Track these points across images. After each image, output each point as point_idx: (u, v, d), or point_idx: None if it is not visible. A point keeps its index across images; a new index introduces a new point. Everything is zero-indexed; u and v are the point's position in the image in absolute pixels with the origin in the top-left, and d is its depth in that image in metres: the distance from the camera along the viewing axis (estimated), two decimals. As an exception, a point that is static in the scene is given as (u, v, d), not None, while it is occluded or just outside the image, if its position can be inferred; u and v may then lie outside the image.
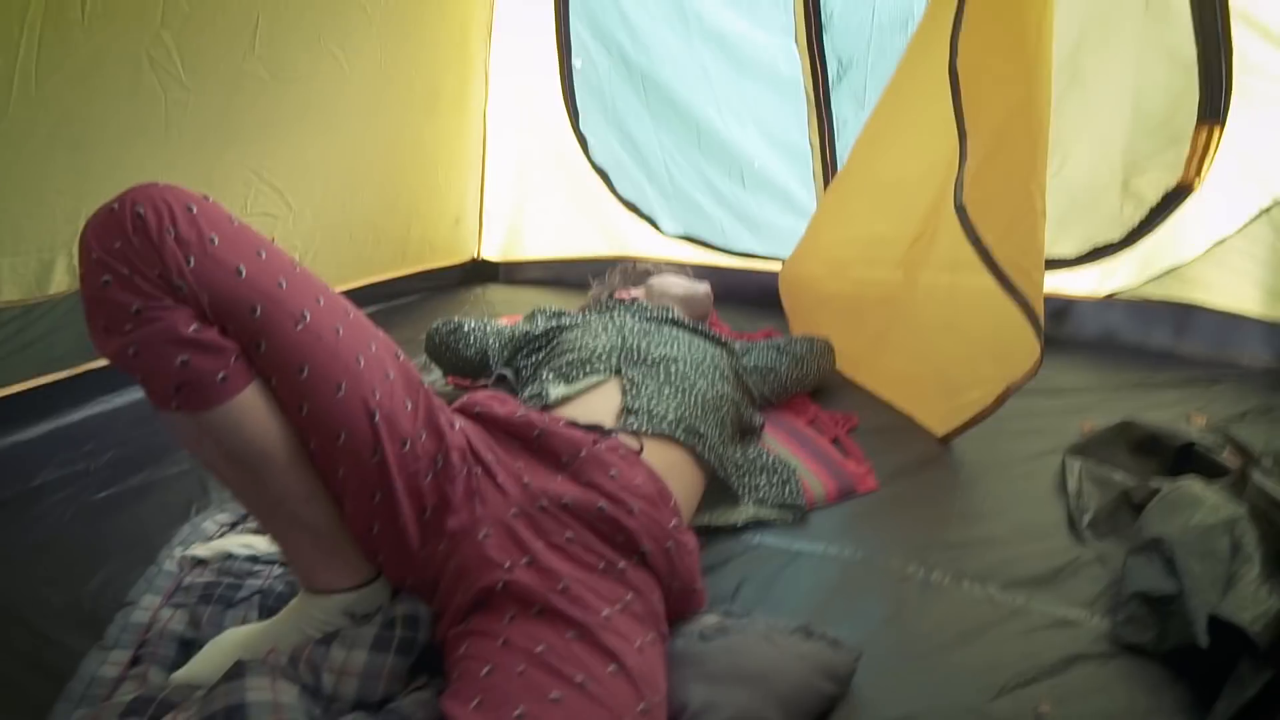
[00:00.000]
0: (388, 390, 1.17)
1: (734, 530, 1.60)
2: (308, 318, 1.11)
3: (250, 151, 2.18)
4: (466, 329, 2.08)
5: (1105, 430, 1.88)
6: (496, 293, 3.25)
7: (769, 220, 2.86)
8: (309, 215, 2.47)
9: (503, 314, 2.84)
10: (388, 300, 2.98)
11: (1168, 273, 2.38)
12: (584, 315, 2.04)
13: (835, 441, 1.97)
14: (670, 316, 1.95)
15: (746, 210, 2.89)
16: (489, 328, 2.08)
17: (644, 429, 1.45)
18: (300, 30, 2.18)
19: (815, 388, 2.21)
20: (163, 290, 1.02)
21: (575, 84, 3.01)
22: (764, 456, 1.77)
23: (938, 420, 1.99)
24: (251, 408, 1.11)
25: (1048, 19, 1.58)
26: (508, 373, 1.95)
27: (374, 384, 1.15)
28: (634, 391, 1.54)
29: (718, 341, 1.97)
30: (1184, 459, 1.73)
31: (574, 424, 1.40)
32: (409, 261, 3.05)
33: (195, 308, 1.04)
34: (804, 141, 2.67)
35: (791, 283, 2.58)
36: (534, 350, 1.94)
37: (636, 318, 1.89)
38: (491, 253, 3.38)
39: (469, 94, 3.01)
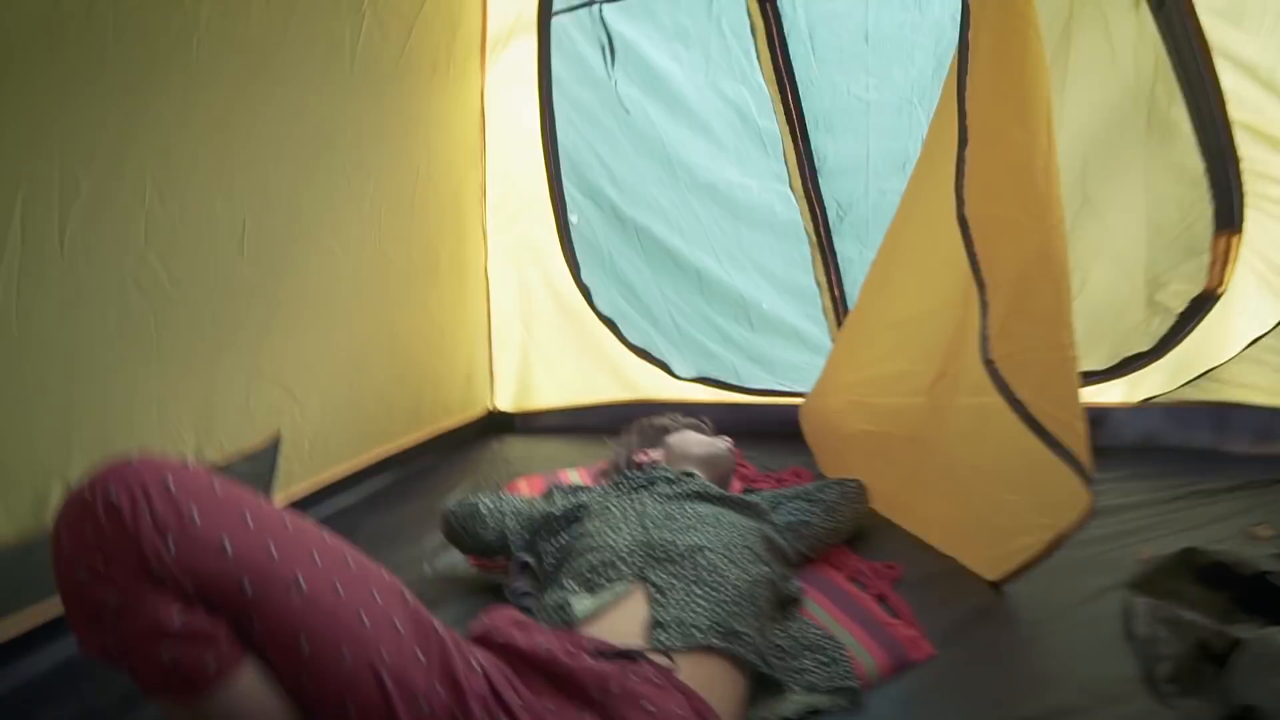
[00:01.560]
0: (396, 645, 1.08)
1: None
2: (303, 584, 1.02)
3: (248, 351, 2.12)
4: (483, 511, 1.98)
5: (1166, 560, 1.76)
6: (513, 446, 3.15)
7: (783, 358, 2.80)
8: (315, 402, 2.39)
9: (520, 473, 2.75)
10: (404, 467, 2.88)
11: (1202, 375, 2.28)
12: (603, 492, 1.94)
13: (881, 599, 1.84)
14: (693, 489, 1.84)
15: (758, 350, 2.84)
16: (506, 507, 1.98)
17: (676, 643, 1.34)
18: (290, 226, 2.15)
19: (851, 535, 2.09)
20: (142, 580, 0.94)
21: (572, 239, 2.98)
22: (808, 631, 1.64)
23: (986, 565, 1.86)
24: (248, 689, 1.02)
25: (1053, 161, 1.52)
26: (530, 559, 1.85)
27: (381, 642, 1.06)
28: (662, 600, 1.43)
29: (745, 507, 1.86)
30: (1258, 590, 1.59)
31: (601, 651, 1.29)
32: (423, 424, 2.96)
33: (178, 592, 0.95)
34: (809, 281, 2.64)
35: (814, 421, 2.49)
36: (554, 533, 1.84)
37: (657, 498, 1.79)
38: (505, 404, 3.30)
39: (468, 255, 2.98)
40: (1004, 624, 1.73)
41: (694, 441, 2.14)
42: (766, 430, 2.77)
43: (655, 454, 2.16)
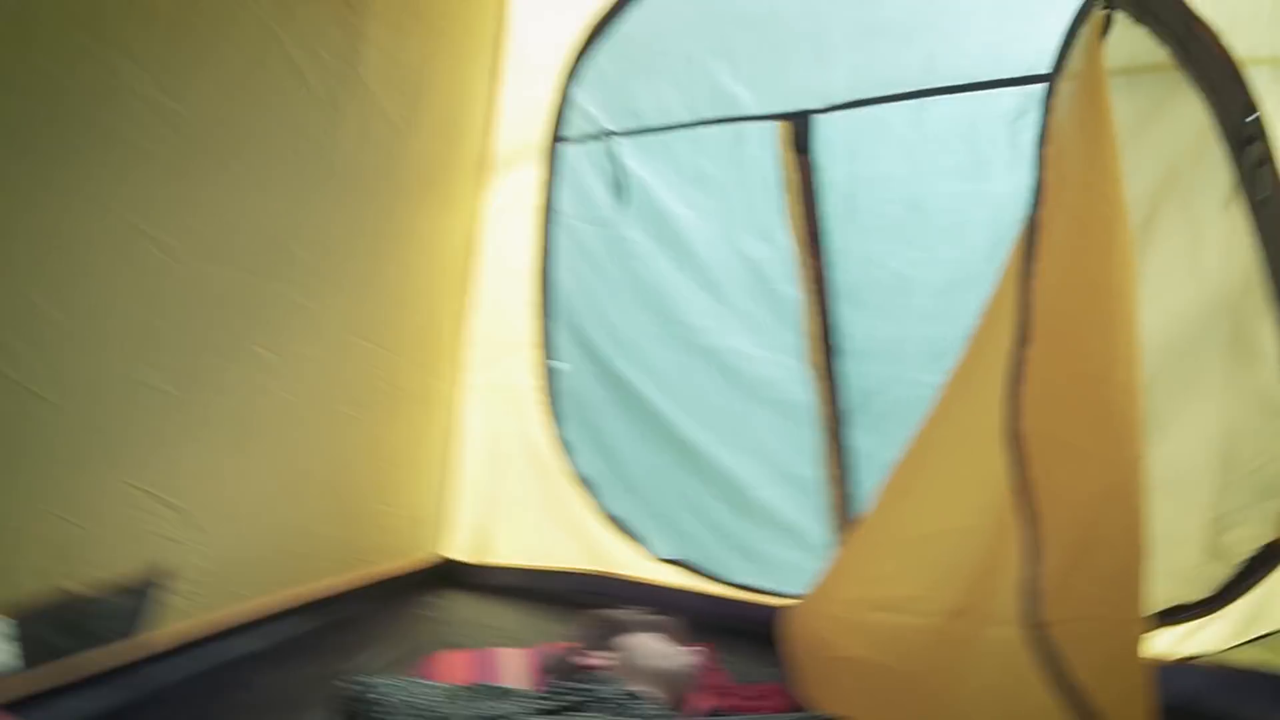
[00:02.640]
0: None
1: None
2: None
3: (142, 469, 1.82)
4: (374, 699, 1.61)
5: None
6: (458, 605, 2.76)
7: (773, 554, 2.44)
8: (226, 534, 2.08)
9: (456, 640, 2.39)
10: (330, 613, 2.50)
11: (1261, 639, 1.91)
12: (524, 704, 1.58)
13: None
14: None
15: (746, 542, 2.47)
16: (401, 699, 1.61)
17: None
18: (214, 332, 1.90)
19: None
20: None
21: (556, 388, 2.69)
22: None
23: None
24: None
25: (1136, 379, 1.22)
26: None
27: None
28: None
29: None
30: None
31: None
32: (359, 565, 2.62)
33: None
34: (813, 472, 2.30)
35: (801, 634, 2.11)
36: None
37: None
38: (459, 553, 2.92)
39: (437, 388, 2.69)
40: None
41: (651, 653, 1.80)
42: (750, 630, 2.39)
43: (605, 658, 1.80)
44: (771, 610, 2.32)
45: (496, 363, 2.77)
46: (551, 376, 2.69)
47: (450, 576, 2.92)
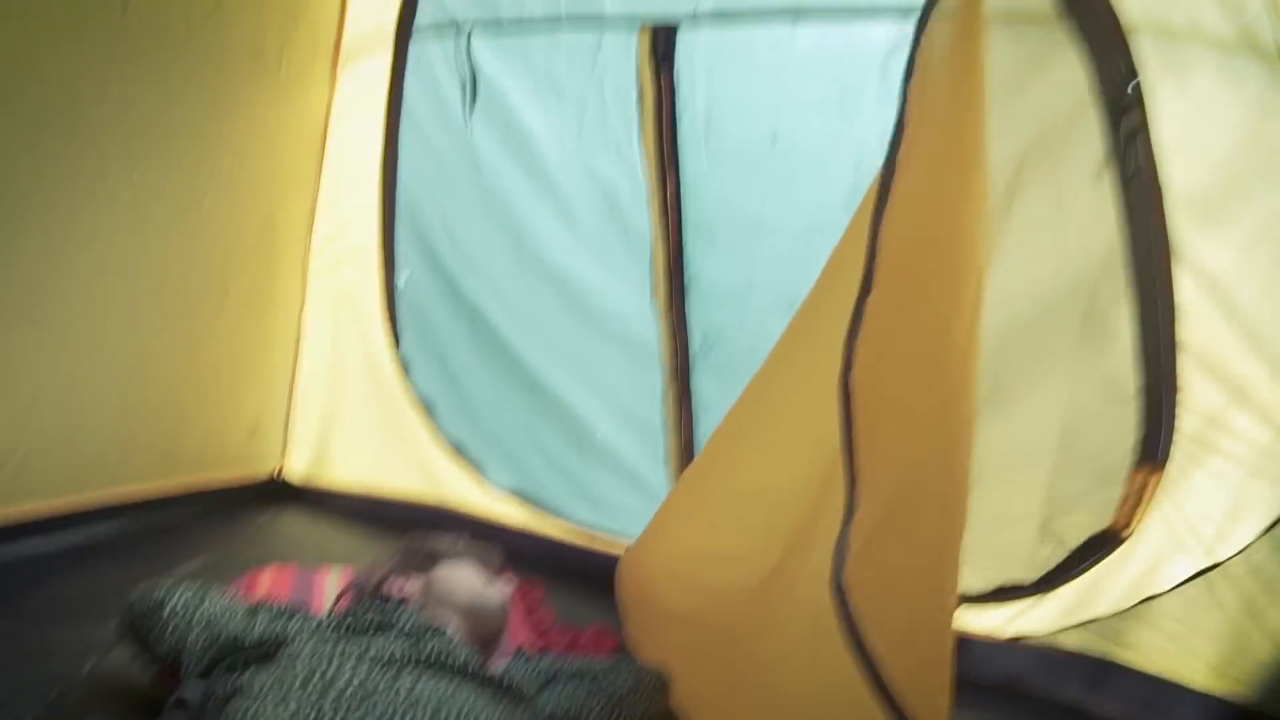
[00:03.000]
0: None
1: None
2: None
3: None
4: (167, 611, 1.49)
5: None
6: (290, 522, 2.64)
7: (613, 499, 2.35)
8: (8, 418, 1.90)
9: (278, 555, 2.26)
10: (146, 518, 2.35)
11: (1086, 624, 1.93)
12: (318, 626, 1.48)
13: None
14: (428, 654, 1.37)
15: (585, 482, 2.38)
16: (200, 612, 1.49)
17: None
18: None
19: (637, 736, 1.64)
20: None
21: (397, 302, 2.52)
22: None
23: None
24: None
25: (975, 342, 1.14)
26: (191, 696, 1.37)
27: None
28: None
29: (493, 691, 1.39)
30: None
31: None
32: (181, 472, 2.45)
33: None
34: (656, 416, 2.20)
35: (629, 583, 2.04)
36: (233, 668, 1.37)
37: (366, 661, 1.31)
38: (295, 472, 2.78)
39: (276, 293, 2.51)
40: None
41: (460, 584, 1.70)
42: (584, 573, 2.32)
43: (412, 586, 1.69)
44: (604, 557, 2.26)
45: (338, 270, 2.60)
46: (393, 289, 2.54)
47: (286, 494, 2.78)
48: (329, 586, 2.07)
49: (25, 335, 1.89)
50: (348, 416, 2.69)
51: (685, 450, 2.14)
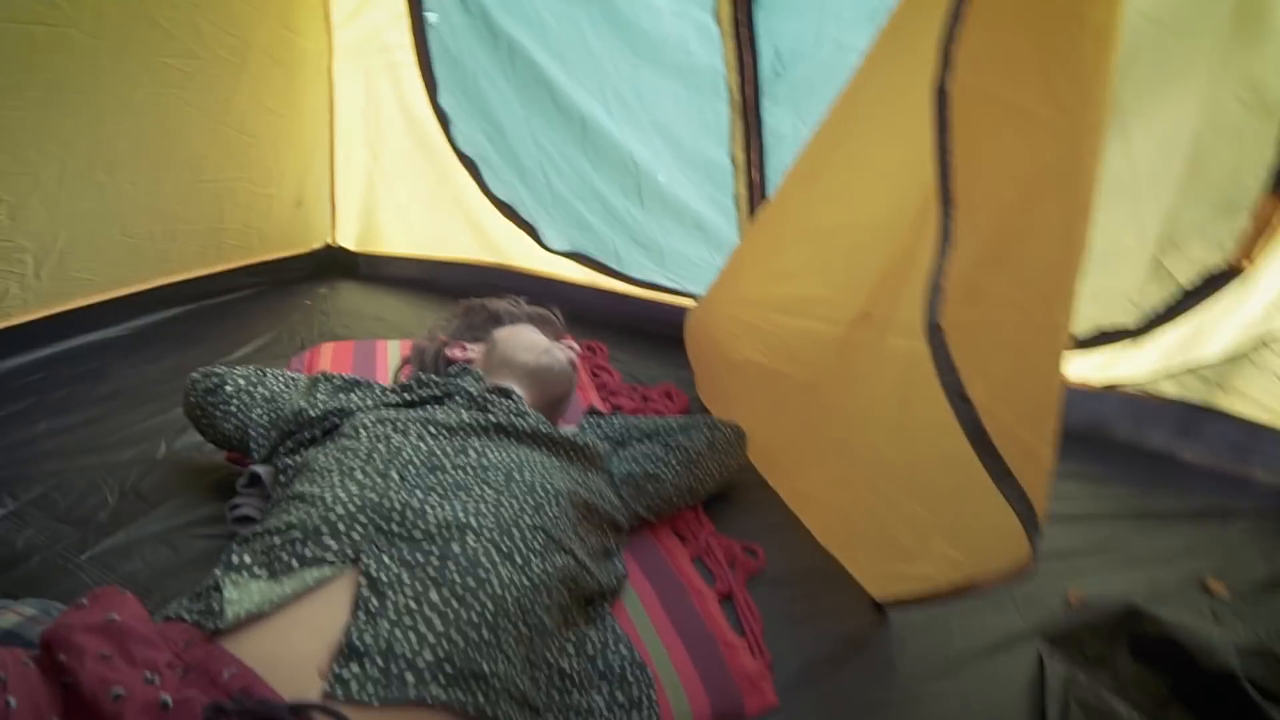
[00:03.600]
0: None
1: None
2: None
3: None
4: (229, 390, 1.46)
5: (1100, 616, 1.34)
6: (346, 295, 2.58)
7: (677, 249, 2.21)
8: (37, 206, 1.79)
9: (335, 332, 2.26)
10: (198, 301, 2.31)
11: (1187, 371, 1.81)
12: (381, 395, 1.43)
13: (727, 599, 1.38)
14: (496, 418, 1.32)
15: (647, 235, 2.23)
16: (261, 390, 1.46)
17: (370, 694, 0.84)
18: None
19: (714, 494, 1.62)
20: None
21: (430, 44, 2.29)
22: (612, 650, 1.17)
23: (870, 579, 1.41)
24: None
25: (1113, 33, 0.94)
26: (263, 471, 1.35)
27: None
28: (374, 607, 0.92)
29: (567, 452, 1.35)
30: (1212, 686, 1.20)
31: (220, 708, 0.79)
32: (228, 255, 2.38)
33: None
34: (722, 155, 1.99)
35: (699, 336, 1.96)
36: (302, 444, 1.33)
37: (434, 427, 1.25)
38: (348, 241, 2.69)
39: (302, 46, 2.30)
40: (876, 672, 1.29)
41: (523, 345, 1.62)
42: (646, 329, 2.27)
43: (474, 351, 1.63)
44: (671, 309, 2.18)
45: (362, 13, 2.37)
46: (424, 33, 2.30)
47: (338, 266, 2.72)
48: (390, 359, 2.03)
49: (50, 121, 1.77)
50: (393, 179, 2.56)
51: (756, 191, 1.96)
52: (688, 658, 1.23)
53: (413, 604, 0.93)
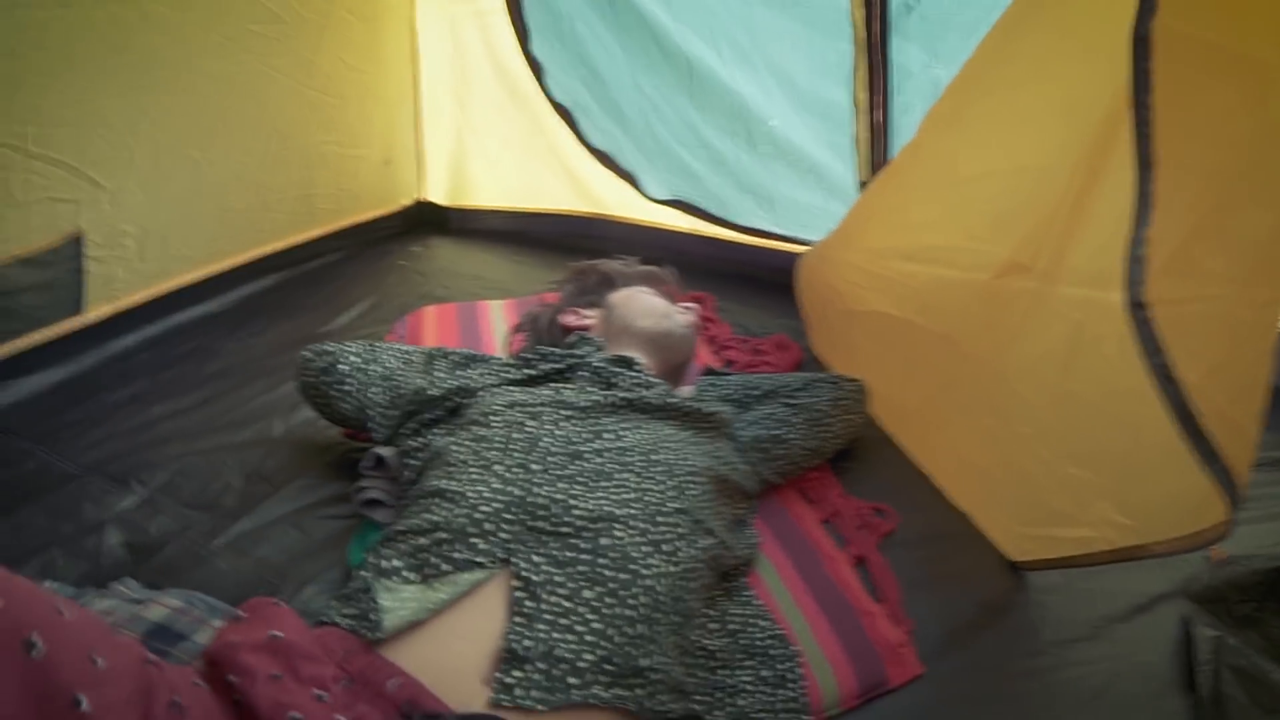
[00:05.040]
0: None
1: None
2: None
3: (22, 123, 1.56)
4: (343, 369, 1.48)
5: (1249, 574, 1.31)
6: (439, 253, 2.61)
7: (788, 195, 2.16)
8: (136, 189, 1.83)
9: (438, 292, 2.27)
10: (295, 268, 2.35)
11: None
12: (500, 371, 1.43)
13: (861, 563, 1.38)
14: (623, 395, 1.31)
15: (756, 181, 2.18)
16: (373, 370, 1.48)
17: (538, 699, 0.88)
18: None
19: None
20: None
21: (520, -9, 2.27)
22: (754, 627, 1.19)
23: (1010, 540, 1.40)
24: None
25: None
26: (388, 454, 1.38)
27: None
28: (529, 610, 0.95)
29: (698, 423, 1.34)
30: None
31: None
32: (321, 220, 2.41)
33: None
34: (843, 96, 1.92)
35: (815, 284, 1.92)
36: (424, 425, 1.35)
37: (564, 409, 1.25)
38: (438, 196, 2.70)
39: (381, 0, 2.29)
40: (1018, 638, 1.29)
41: (644, 309, 1.60)
42: (754, 276, 2.24)
43: (590, 317, 1.62)
44: (781, 256, 2.14)
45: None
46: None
47: (430, 221, 2.74)
48: (494, 322, 2.05)
49: (142, 102, 1.80)
50: (483, 131, 2.55)
51: (879, 133, 1.90)
52: (829, 629, 1.24)
53: (567, 604, 0.95)
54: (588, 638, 0.93)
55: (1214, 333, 0.96)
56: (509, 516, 1.04)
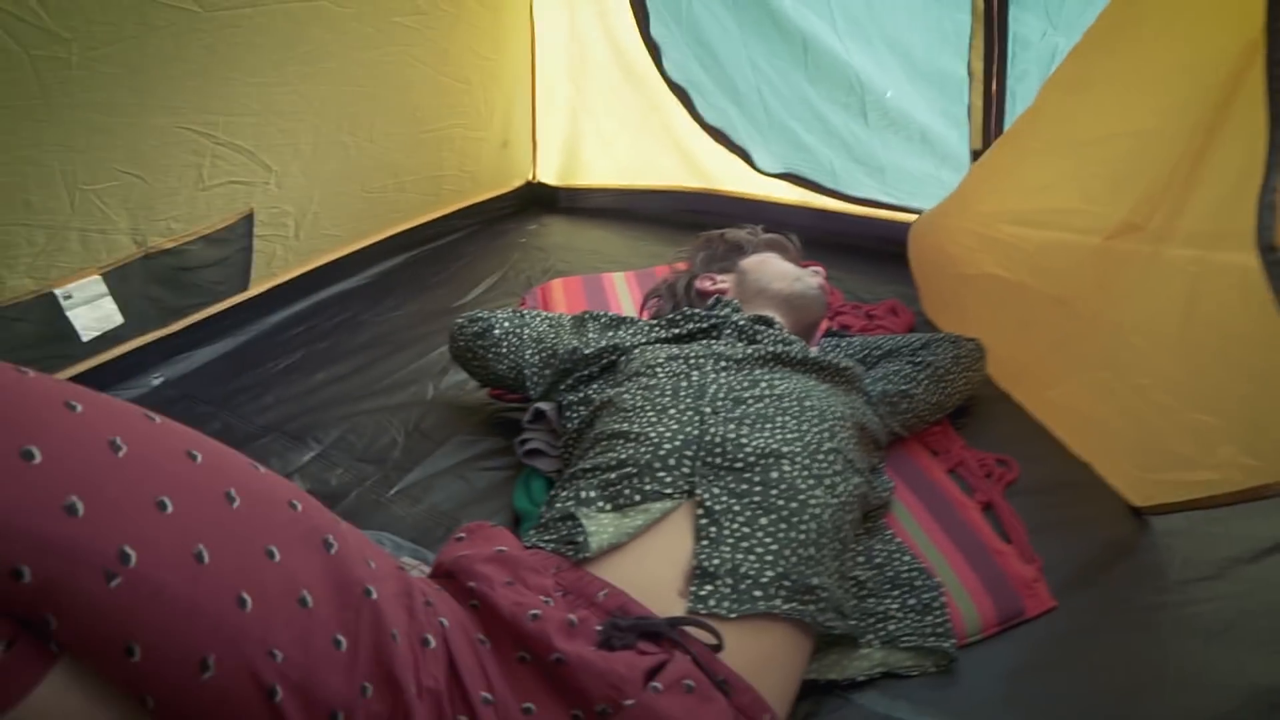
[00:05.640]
0: (300, 633, 0.76)
1: (840, 687, 1.17)
2: (132, 558, 0.67)
3: (189, 108, 1.69)
4: (498, 333, 1.61)
5: None
6: (554, 230, 2.74)
7: (899, 164, 2.24)
8: (298, 173, 1.99)
9: (559, 267, 2.41)
10: (421, 247, 2.50)
11: None
12: (649, 331, 1.55)
13: (988, 508, 1.47)
14: (770, 349, 1.41)
15: (868, 151, 2.26)
16: (527, 332, 1.61)
17: (727, 608, 0.99)
18: None
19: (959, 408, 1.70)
20: None
21: (643, -23, 2.37)
22: (897, 560, 1.29)
23: (1132, 486, 1.47)
24: (57, 711, 0.69)
25: None
26: (548, 409, 1.52)
27: (272, 634, 0.73)
28: (714, 534, 1.07)
29: (838, 376, 1.44)
30: None
31: (618, 625, 0.93)
32: (445, 200, 2.56)
33: None
34: (959, 66, 1.98)
35: (927, 248, 2.00)
36: (581, 381, 1.49)
37: (720, 362, 1.36)
38: (549, 176, 2.84)
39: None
40: (1145, 576, 1.36)
41: (776, 273, 1.70)
42: (863, 246, 2.31)
43: (724, 281, 1.73)
44: (890, 225, 2.21)
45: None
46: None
47: (545, 201, 2.88)
48: (619, 292, 2.16)
49: (307, 91, 1.94)
50: (599, 112, 2.66)
51: (994, 102, 1.96)
52: (966, 565, 1.33)
53: (746, 529, 1.07)
54: (766, 557, 1.05)
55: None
56: (689, 453, 1.16)
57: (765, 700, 0.96)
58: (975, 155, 2.05)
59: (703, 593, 1.00)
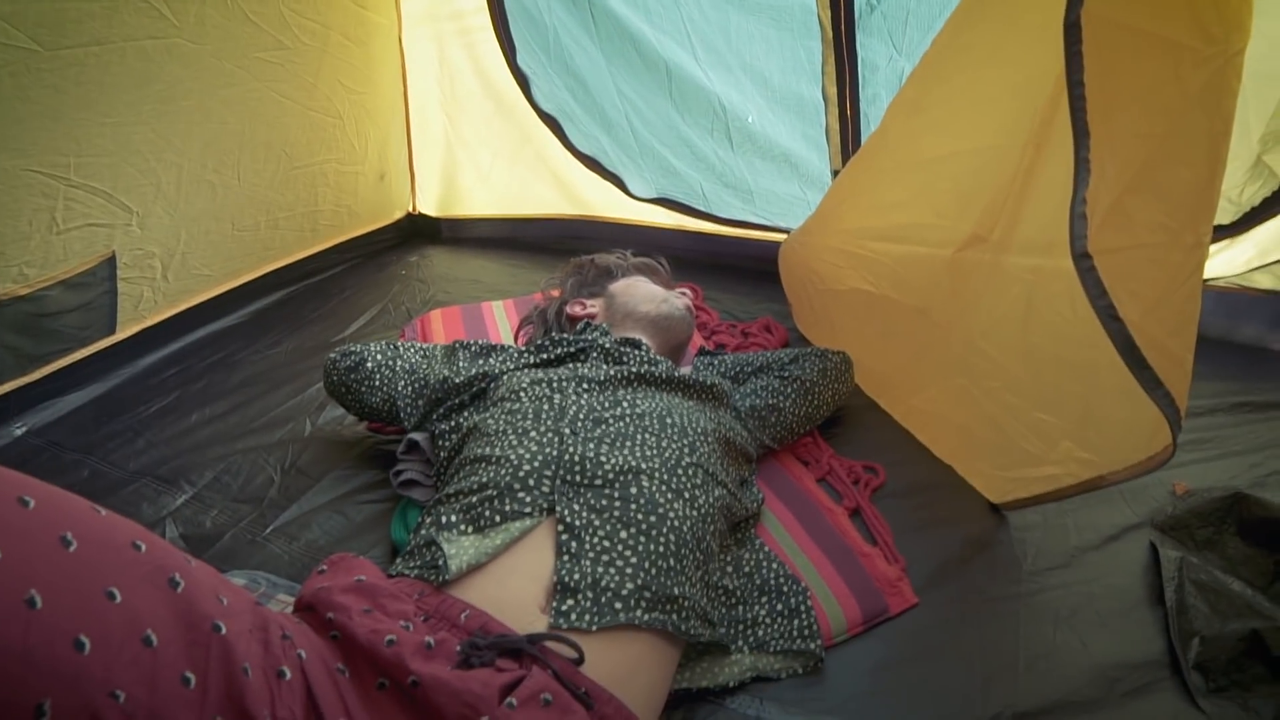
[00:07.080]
0: (145, 673, 0.75)
1: (712, 693, 1.20)
2: None
3: (37, 149, 1.66)
4: (370, 366, 1.61)
5: (1208, 502, 1.47)
6: (436, 262, 2.74)
7: (766, 188, 2.31)
8: (161, 213, 1.97)
9: (439, 297, 2.42)
10: (300, 283, 2.48)
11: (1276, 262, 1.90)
12: (519, 357, 1.58)
13: (855, 514, 1.54)
14: (634, 370, 1.46)
15: (735, 175, 2.33)
16: (400, 364, 1.61)
17: (587, 621, 1.02)
18: None
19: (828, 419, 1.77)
20: None
21: (506, 7, 2.40)
22: (765, 567, 1.33)
23: (989, 485, 1.56)
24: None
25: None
26: (421, 439, 1.53)
27: (114, 675, 0.72)
28: (574, 549, 1.10)
29: (702, 393, 1.48)
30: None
31: (476, 644, 0.95)
32: (323, 235, 2.55)
33: None
34: (814, 91, 2.08)
35: (797, 266, 2.08)
36: (452, 411, 1.50)
37: (584, 384, 1.40)
38: (429, 208, 2.84)
39: (373, 23, 2.43)
40: (1001, 569, 1.43)
41: (644, 295, 1.75)
42: (737, 266, 2.39)
43: (594, 306, 1.77)
44: (760, 245, 2.28)
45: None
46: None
47: (422, 232, 2.89)
48: (498, 320, 2.18)
49: (166, 129, 1.92)
50: (473, 143, 2.69)
51: (849, 124, 2.06)
52: (832, 568, 1.39)
53: (606, 543, 1.10)
54: (626, 570, 1.08)
55: (1150, 275, 1.10)
56: (548, 473, 1.19)
57: (630, 710, 0.99)
58: (836, 175, 2.13)
59: (564, 607, 1.03)
